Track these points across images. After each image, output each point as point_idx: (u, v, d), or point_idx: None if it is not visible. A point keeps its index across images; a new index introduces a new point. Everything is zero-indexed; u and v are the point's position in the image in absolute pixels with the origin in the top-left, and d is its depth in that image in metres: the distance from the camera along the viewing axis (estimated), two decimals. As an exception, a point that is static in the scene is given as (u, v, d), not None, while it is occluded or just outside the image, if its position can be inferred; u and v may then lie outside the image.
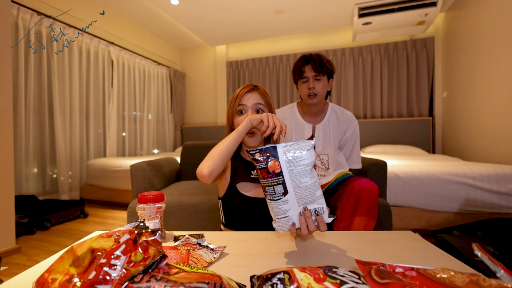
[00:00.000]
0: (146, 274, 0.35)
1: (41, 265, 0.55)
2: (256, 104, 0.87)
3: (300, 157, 0.53)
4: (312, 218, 0.56)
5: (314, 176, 0.55)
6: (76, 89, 3.08)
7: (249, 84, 0.90)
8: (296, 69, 1.30)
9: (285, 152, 0.54)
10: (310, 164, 0.54)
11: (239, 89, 0.89)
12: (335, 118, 1.35)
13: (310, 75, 1.26)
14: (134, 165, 1.65)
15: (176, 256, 0.55)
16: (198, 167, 0.78)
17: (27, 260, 1.69)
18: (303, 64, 1.28)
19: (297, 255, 0.59)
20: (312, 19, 3.60)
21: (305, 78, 1.28)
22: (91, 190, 3.17)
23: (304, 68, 1.28)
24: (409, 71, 3.81)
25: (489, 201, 1.82)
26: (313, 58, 1.26)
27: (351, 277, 0.38)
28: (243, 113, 0.87)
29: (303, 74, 1.28)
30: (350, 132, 1.34)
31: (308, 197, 0.55)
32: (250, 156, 0.57)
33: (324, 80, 1.28)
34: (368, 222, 1.05)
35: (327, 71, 1.27)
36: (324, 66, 1.25)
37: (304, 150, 0.54)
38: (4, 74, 1.71)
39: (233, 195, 0.88)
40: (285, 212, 0.56)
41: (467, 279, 0.35)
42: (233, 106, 0.88)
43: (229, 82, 4.80)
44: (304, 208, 0.56)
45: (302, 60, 1.29)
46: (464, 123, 2.99)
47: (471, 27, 2.81)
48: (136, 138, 4.08)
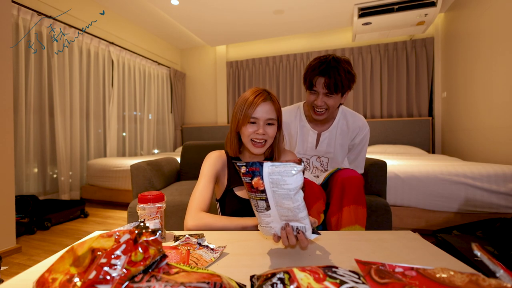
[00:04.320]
0: (146, 274, 0.36)
1: (42, 265, 0.55)
2: (269, 119, 0.85)
3: (284, 181, 0.51)
4: (293, 233, 0.56)
5: (298, 199, 0.52)
6: (77, 89, 3.08)
7: (262, 92, 0.86)
8: (307, 77, 1.11)
9: (269, 173, 0.51)
10: (294, 189, 0.51)
11: (253, 96, 0.85)
12: (344, 125, 1.23)
13: (321, 91, 1.07)
14: (134, 165, 1.65)
15: (176, 256, 0.55)
16: (187, 219, 0.79)
17: (28, 260, 1.69)
18: (315, 75, 1.07)
19: (297, 255, 0.59)
20: (312, 19, 3.60)
21: (314, 91, 1.10)
22: (92, 190, 3.17)
23: (316, 81, 1.08)
24: (409, 71, 3.81)
25: (489, 201, 1.82)
26: (329, 72, 1.03)
27: (351, 277, 0.38)
28: (254, 124, 0.85)
29: (313, 87, 1.09)
30: (359, 138, 1.25)
31: (290, 217, 0.55)
32: (236, 167, 0.56)
33: (338, 96, 1.09)
34: (357, 211, 1.00)
35: (342, 90, 1.07)
36: (340, 85, 1.04)
37: (289, 176, 0.50)
38: (4, 74, 1.71)
39: (230, 197, 0.89)
40: (268, 223, 0.57)
41: (466, 279, 0.35)
42: (245, 113, 0.84)
43: (229, 82, 4.80)
44: (286, 224, 0.56)
45: (316, 69, 1.06)
46: (463, 123, 2.99)
47: (471, 27, 2.81)
48: (136, 138, 4.08)
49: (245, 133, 0.86)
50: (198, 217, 0.78)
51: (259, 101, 0.84)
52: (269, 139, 0.87)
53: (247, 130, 0.85)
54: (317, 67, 1.06)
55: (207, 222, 0.77)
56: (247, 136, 0.86)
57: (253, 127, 0.85)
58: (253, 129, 0.85)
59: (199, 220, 0.77)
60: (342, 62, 1.06)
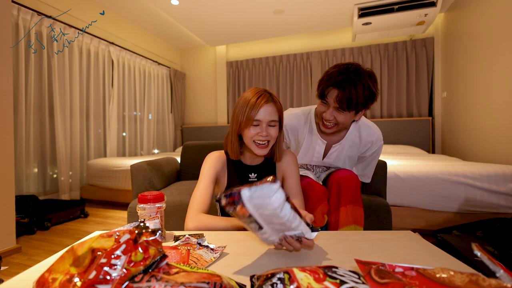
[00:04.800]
0: (146, 274, 0.36)
1: (42, 265, 0.55)
2: (271, 121, 0.84)
3: (266, 203, 0.49)
4: (294, 240, 0.56)
5: (285, 214, 0.51)
6: (77, 89, 3.08)
7: (264, 93, 0.84)
8: (320, 85, 0.99)
9: (249, 199, 0.49)
10: (278, 207, 0.50)
11: (255, 97, 0.83)
12: (357, 137, 1.12)
13: (332, 104, 0.95)
14: (134, 165, 1.65)
15: (176, 256, 0.55)
16: (187, 221, 0.80)
17: (28, 260, 1.69)
18: (329, 86, 0.94)
19: (297, 255, 0.59)
20: (312, 19, 3.59)
21: (325, 101, 0.98)
22: (92, 190, 3.17)
23: (328, 92, 0.96)
24: (409, 71, 3.81)
25: (489, 201, 1.82)
26: (345, 85, 0.90)
27: (351, 277, 0.38)
28: (257, 126, 0.84)
29: (324, 97, 0.97)
30: (371, 152, 1.16)
31: (285, 228, 0.55)
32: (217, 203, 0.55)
33: (350, 114, 0.97)
34: (354, 210, 0.97)
35: (356, 108, 0.94)
36: (355, 104, 0.91)
37: (269, 198, 0.49)
38: (4, 74, 1.71)
39: None
40: (266, 238, 0.57)
41: (466, 279, 0.35)
42: (248, 115, 0.82)
43: (229, 82, 4.80)
44: (284, 236, 0.56)
45: (332, 78, 0.93)
46: (463, 123, 2.99)
47: (471, 27, 2.81)
48: (136, 138, 4.08)
49: (247, 135, 0.85)
50: (197, 219, 0.79)
51: (262, 102, 0.82)
52: (272, 140, 0.86)
53: (250, 132, 0.84)
54: (333, 77, 0.93)
55: (206, 224, 0.78)
56: (250, 138, 0.85)
57: (256, 129, 0.84)
58: (256, 131, 0.84)
59: (199, 223, 0.78)
60: (363, 76, 0.92)
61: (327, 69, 0.99)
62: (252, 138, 0.85)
